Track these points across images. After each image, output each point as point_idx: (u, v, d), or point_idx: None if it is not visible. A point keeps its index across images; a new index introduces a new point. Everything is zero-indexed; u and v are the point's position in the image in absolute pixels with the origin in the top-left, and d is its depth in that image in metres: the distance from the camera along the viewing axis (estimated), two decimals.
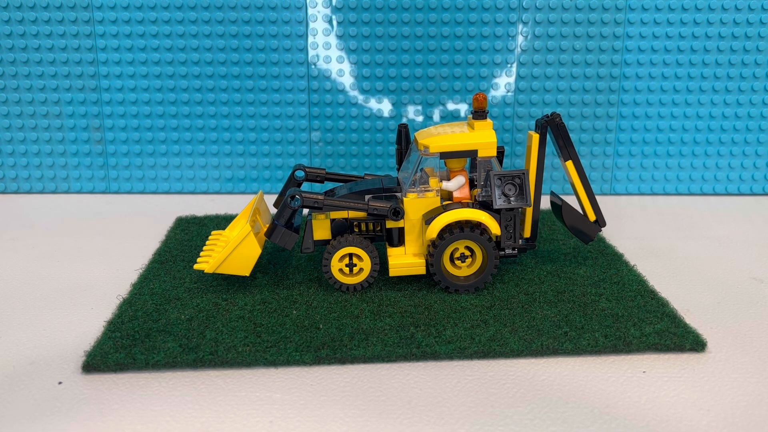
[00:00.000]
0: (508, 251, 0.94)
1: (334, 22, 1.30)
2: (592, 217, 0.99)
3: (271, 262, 1.02)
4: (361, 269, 0.91)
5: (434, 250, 0.90)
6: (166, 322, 0.83)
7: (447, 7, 1.28)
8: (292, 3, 1.29)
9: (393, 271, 0.92)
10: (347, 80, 1.33)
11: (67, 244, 1.13)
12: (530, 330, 0.81)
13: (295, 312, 0.86)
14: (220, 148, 1.36)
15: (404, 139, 0.99)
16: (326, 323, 0.83)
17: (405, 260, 0.92)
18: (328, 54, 1.32)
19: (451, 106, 1.34)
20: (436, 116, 1.35)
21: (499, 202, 0.90)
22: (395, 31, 1.30)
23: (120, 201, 1.35)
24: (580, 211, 1.00)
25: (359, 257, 0.91)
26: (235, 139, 1.36)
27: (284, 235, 0.89)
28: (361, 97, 1.34)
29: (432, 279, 0.93)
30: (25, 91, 1.33)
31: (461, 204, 0.91)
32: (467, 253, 0.92)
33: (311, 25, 1.30)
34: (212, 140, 1.36)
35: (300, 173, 1.01)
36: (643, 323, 0.83)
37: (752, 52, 1.30)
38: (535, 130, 0.96)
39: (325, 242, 0.93)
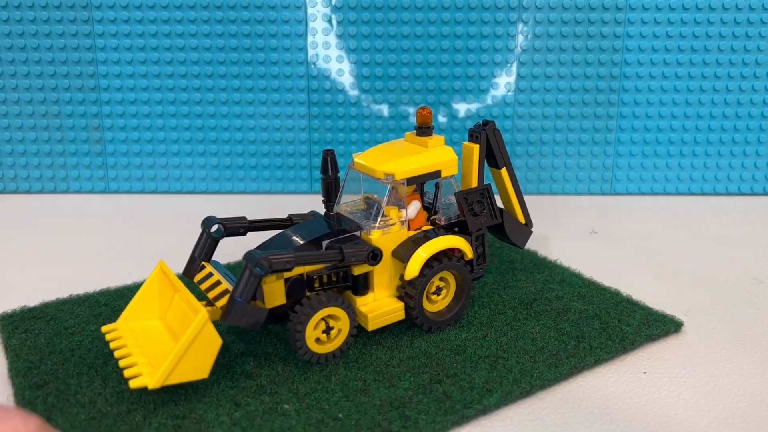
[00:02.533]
0: (476, 274, 0.87)
1: (334, 22, 1.30)
2: (523, 221, 0.95)
3: None
4: (339, 331, 0.76)
5: (415, 290, 0.78)
6: None
7: (447, 7, 1.28)
8: (292, 2, 1.29)
9: (373, 324, 0.78)
10: (347, 80, 1.33)
11: (67, 243, 1.13)
12: (545, 353, 0.77)
13: (287, 406, 0.69)
14: (220, 148, 1.36)
15: (331, 166, 0.85)
16: (340, 409, 0.68)
17: (383, 308, 0.79)
18: (328, 54, 1.31)
19: (451, 107, 1.34)
20: (438, 116, 1.35)
21: (474, 223, 0.83)
22: (395, 30, 1.30)
23: (119, 201, 1.35)
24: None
25: (335, 317, 0.75)
26: (234, 139, 1.36)
27: (252, 312, 0.69)
28: (361, 97, 1.34)
29: (410, 321, 0.82)
30: (24, 91, 1.33)
31: (428, 233, 0.81)
32: (442, 284, 0.83)
33: (311, 24, 1.30)
34: (212, 140, 1.36)
35: (216, 231, 0.81)
36: (625, 317, 0.85)
37: (752, 51, 1.29)
38: (471, 140, 0.88)
39: (279, 309, 0.75)
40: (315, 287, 0.76)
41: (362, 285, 0.80)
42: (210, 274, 0.78)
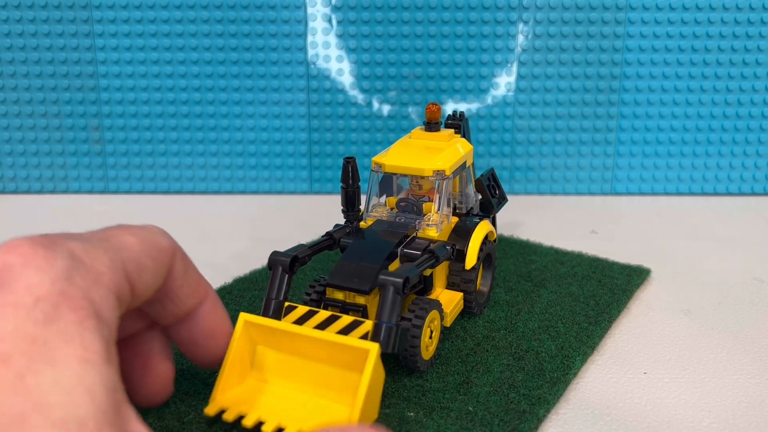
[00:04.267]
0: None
1: (334, 22, 1.30)
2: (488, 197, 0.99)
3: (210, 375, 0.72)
4: (432, 333, 0.73)
5: (473, 277, 0.82)
6: None
7: (447, 7, 1.28)
8: (292, 2, 1.28)
9: (450, 319, 0.79)
10: (347, 80, 1.33)
11: None
12: (569, 337, 0.81)
13: (411, 414, 0.66)
14: (220, 148, 1.36)
15: (352, 174, 0.79)
16: (469, 402, 0.68)
17: (451, 302, 0.80)
18: (328, 53, 1.31)
19: (451, 106, 1.34)
20: None
21: (497, 204, 0.90)
22: (395, 30, 1.30)
23: (118, 201, 1.35)
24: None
25: (433, 321, 0.73)
26: (234, 139, 1.36)
27: (402, 335, 0.67)
28: (361, 97, 1.33)
29: (466, 309, 0.83)
30: (24, 91, 1.33)
31: (470, 220, 0.85)
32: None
33: (311, 24, 1.30)
34: (212, 140, 1.35)
35: (292, 266, 0.73)
36: (611, 276, 0.96)
37: (753, 51, 1.29)
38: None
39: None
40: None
41: (430, 284, 0.80)
42: (312, 312, 0.69)
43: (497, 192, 0.96)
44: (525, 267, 0.99)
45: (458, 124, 0.95)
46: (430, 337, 0.73)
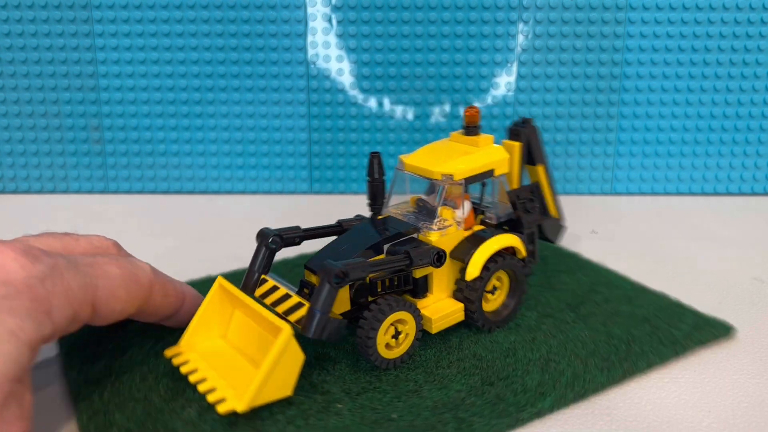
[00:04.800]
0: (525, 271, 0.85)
1: (334, 21, 1.30)
2: (557, 215, 0.97)
3: None
4: (406, 335, 0.74)
5: (476, 289, 0.78)
6: None
7: (447, 6, 1.28)
8: (292, 2, 1.28)
9: (437, 327, 0.77)
10: (347, 80, 1.33)
11: None
12: (597, 357, 0.76)
13: (341, 405, 0.68)
14: (220, 148, 1.36)
15: (377, 168, 0.81)
16: (394, 409, 0.68)
17: (445, 310, 0.78)
18: (328, 53, 1.31)
19: (450, 106, 1.34)
20: (437, 116, 1.34)
21: (529, 221, 0.82)
22: (395, 30, 1.30)
23: (118, 201, 1.35)
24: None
25: (403, 321, 0.74)
26: (234, 139, 1.36)
27: (331, 325, 0.68)
28: (361, 97, 1.33)
29: (469, 321, 0.81)
30: (24, 91, 1.33)
31: (484, 232, 0.81)
32: (498, 284, 0.83)
33: (310, 24, 1.30)
34: (212, 140, 1.35)
35: (273, 242, 0.79)
36: (675, 321, 0.83)
37: (753, 51, 1.29)
38: (510, 138, 0.90)
39: (344, 315, 0.74)
40: (377, 291, 0.75)
41: (422, 288, 0.78)
42: (275, 287, 0.76)
43: (536, 206, 0.88)
44: (580, 296, 0.90)
45: (517, 130, 0.88)
46: (396, 338, 0.73)
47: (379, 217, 0.83)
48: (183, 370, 0.69)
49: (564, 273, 0.97)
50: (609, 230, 1.19)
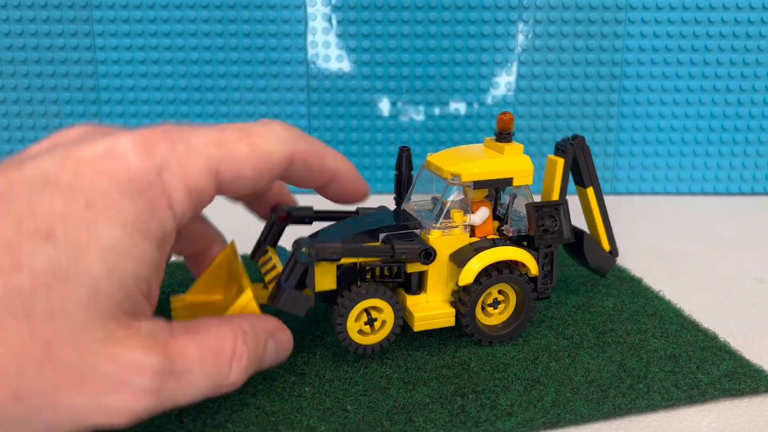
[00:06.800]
0: (540, 293, 0.81)
1: (334, 21, 1.30)
2: (607, 247, 0.89)
3: None
4: (383, 322, 0.75)
5: (468, 297, 0.76)
6: (148, 424, 0.64)
7: (447, 6, 1.28)
8: (292, 2, 1.28)
9: (419, 325, 0.76)
10: (347, 80, 1.33)
11: None
12: (592, 387, 0.70)
13: (308, 389, 0.70)
14: None
15: (405, 163, 0.84)
16: (353, 402, 0.68)
17: (432, 311, 0.76)
18: (328, 53, 1.31)
19: (451, 106, 1.34)
20: (438, 116, 1.34)
21: (542, 239, 0.78)
22: (395, 30, 1.30)
23: None
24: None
25: (379, 309, 0.74)
26: None
27: (295, 299, 0.71)
28: (361, 97, 1.33)
29: (461, 330, 0.78)
30: (24, 91, 1.33)
31: (494, 241, 0.78)
32: (500, 298, 0.79)
33: (310, 24, 1.30)
34: None
35: (281, 216, 0.83)
36: (707, 365, 0.74)
37: (753, 51, 1.29)
38: (557, 154, 0.84)
39: (330, 293, 0.76)
40: (367, 278, 0.75)
41: (415, 284, 0.78)
42: (270, 259, 0.80)
43: (557, 226, 0.80)
44: (612, 323, 0.84)
45: (563, 146, 0.83)
46: (370, 325, 0.74)
47: (399, 210, 0.85)
48: (172, 315, 0.76)
49: (610, 297, 0.91)
50: None
